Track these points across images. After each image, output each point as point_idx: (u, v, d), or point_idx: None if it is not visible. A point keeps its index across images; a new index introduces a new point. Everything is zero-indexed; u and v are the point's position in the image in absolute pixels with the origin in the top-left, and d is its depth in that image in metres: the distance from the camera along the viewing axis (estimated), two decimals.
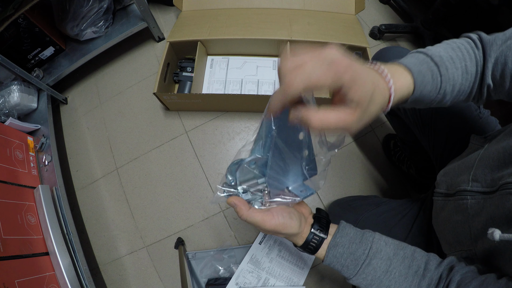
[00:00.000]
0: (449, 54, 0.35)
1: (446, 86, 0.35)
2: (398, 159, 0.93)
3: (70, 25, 1.03)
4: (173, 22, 1.13)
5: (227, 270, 0.87)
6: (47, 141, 0.99)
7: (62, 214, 0.87)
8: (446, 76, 0.34)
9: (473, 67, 0.36)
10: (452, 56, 0.35)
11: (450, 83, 0.35)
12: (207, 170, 1.03)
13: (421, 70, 0.34)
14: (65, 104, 1.21)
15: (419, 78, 0.33)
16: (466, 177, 0.43)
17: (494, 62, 0.35)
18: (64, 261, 0.76)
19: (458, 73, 0.35)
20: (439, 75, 0.34)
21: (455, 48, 0.36)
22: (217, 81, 1.10)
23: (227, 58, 1.13)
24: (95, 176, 1.08)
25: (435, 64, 0.34)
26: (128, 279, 0.95)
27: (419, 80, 0.33)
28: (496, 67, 0.35)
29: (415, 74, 0.33)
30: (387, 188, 0.96)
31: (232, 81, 1.09)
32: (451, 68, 0.35)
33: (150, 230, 0.98)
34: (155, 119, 1.12)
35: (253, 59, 1.12)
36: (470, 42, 0.37)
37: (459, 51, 0.36)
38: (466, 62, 0.35)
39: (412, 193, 0.95)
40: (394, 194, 0.95)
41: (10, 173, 0.81)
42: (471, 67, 0.35)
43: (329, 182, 0.97)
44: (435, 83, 0.34)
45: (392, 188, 0.96)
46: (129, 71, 1.22)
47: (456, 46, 0.36)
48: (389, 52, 0.63)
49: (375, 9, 1.29)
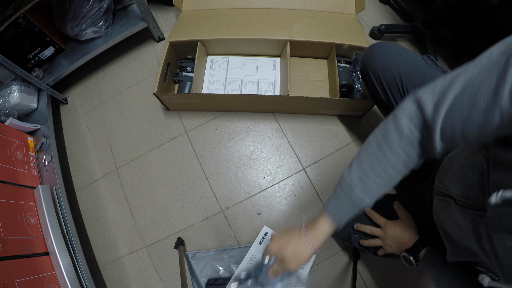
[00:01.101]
0: (368, 171, 0.43)
1: (367, 195, 0.44)
2: None
3: (70, 25, 1.03)
4: (173, 22, 1.13)
5: (227, 270, 0.87)
6: (47, 141, 0.99)
7: (62, 214, 0.87)
8: (362, 193, 0.44)
9: (401, 159, 0.41)
10: (372, 168, 0.43)
11: (372, 190, 0.44)
12: (207, 170, 1.03)
13: (337, 209, 0.47)
14: (65, 104, 1.21)
15: (336, 217, 0.47)
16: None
17: (440, 133, 0.36)
18: (64, 261, 0.76)
19: (380, 179, 0.43)
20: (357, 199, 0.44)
21: (378, 157, 0.43)
22: (217, 81, 1.09)
23: (227, 58, 1.13)
24: (95, 176, 1.08)
25: (351, 192, 0.45)
26: (128, 279, 0.95)
27: (336, 218, 0.47)
28: (444, 135, 0.36)
29: (333, 217, 0.47)
30: None
31: (232, 81, 1.09)
32: (369, 182, 0.43)
33: (150, 230, 0.98)
34: (155, 119, 1.12)
35: (253, 59, 1.12)
36: (404, 128, 0.40)
37: (383, 157, 0.42)
38: (390, 164, 0.42)
39: (409, 184, 0.95)
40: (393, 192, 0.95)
41: (10, 173, 0.81)
42: (396, 163, 0.42)
43: (329, 182, 0.97)
44: (355, 204, 0.45)
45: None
46: (129, 71, 1.22)
47: (381, 154, 0.42)
48: (377, 48, 0.64)
49: (375, 9, 1.29)
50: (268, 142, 1.04)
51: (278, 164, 1.01)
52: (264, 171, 1.01)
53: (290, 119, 1.07)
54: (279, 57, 1.12)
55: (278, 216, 0.95)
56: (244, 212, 0.96)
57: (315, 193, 0.97)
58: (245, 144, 1.05)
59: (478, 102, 0.30)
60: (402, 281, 0.87)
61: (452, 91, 0.33)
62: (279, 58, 1.12)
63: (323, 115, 1.06)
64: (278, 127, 1.06)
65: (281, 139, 1.04)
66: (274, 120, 1.07)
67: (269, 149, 1.03)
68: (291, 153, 1.02)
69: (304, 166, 1.00)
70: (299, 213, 0.95)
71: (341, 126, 1.05)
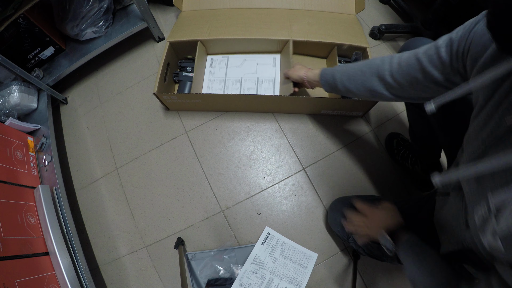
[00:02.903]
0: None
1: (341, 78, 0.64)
2: (402, 157, 0.94)
3: (70, 25, 1.03)
4: (173, 22, 1.13)
5: (227, 271, 0.87)
6: (47, 141, 0.99)
7: (62, 214, 0.87)
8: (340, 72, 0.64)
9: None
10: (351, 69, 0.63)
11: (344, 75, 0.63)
12: (207, 170, 1.03)
13: (325, 70, 0.70)
14: (65, 104, 1.21)
15: (322, 71, 0.71)
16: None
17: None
18: (64, 261, 0.76)
19: (352, 70, 0.61)
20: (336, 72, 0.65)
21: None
22: (216, 80, 1.09)
23: (227, 57, 1.13)
24: (95, 176, 1.08)
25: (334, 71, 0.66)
26: (128, 279, 0.95)
27: (322, 72, 0.70)
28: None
29: (321, 71, 0.71)
30: (387, 188, 0.96)
31: (231, 80, 1.08)
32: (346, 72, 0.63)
33: (150, 230, 0.98)
34: (155, 119, 1.12)
35: (252, 56, 1.12)
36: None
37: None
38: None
39: (413, 191, 0.95)
40: (394, 194, 0.95)
41: (10, 173, 0.81)
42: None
43: (329, 182, 0.97)
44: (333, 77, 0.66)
45: (392, 188, 0.96)
46: (129, 71, 1.22)
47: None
48: (414, 43, 0.66)
49: (375, 9, 1.29)
50: (268, 142, 1.04)
51: (278, 164, 1.01)
52: (264, 171, 1.01)
53: (290, 119, 1.07)
54: (279, 54, 1.11)
55: (278, 216, 0.95)
56: (244, 212, 0.96)
57: (315, 193, 0.97)
58: (245, 144, 1.05)
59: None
60: (402, 281, 0.87)
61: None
62: (279, 55, 1.10)
63: (323, 115, 1.06)
64: (278, 127, 1.06)
65: (281, 139, 1.04)
66: (274, 120, 1.07)
67: (269, 149, 1.03)
68: (291, 153, 1.02)
69: (304, 166, 1.00)
70: (299, 213, 0.95)
71: (341, 126, 1.05)
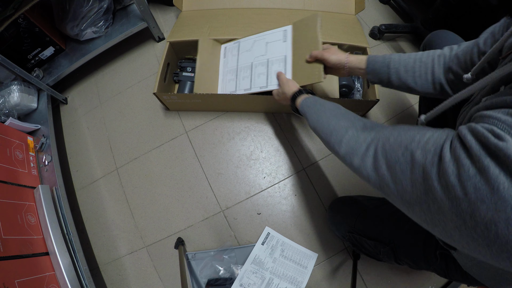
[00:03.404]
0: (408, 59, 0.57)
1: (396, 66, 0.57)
2: None
3: (70, 25, 1.03)
4: (173, 22, 1.13)
5: (227, 271, 0.87)
6: (47, 141, 0.99)
7: (62, 214, 0.87)
8: (395, 60, 0.57)
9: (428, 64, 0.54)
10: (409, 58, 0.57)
11: (401, 65, 0.56)
12: (207, 170, 1.03)
13: (375, 58, 0.61)
14: (65, 104, 1.21)
15: (370, 58, 0.61)
16: None
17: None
18: (64, 261, 0.76)
19: (410, 60, 0.56)
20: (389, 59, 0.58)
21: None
22: (229, 71, 0.99)
23: (238, 42, 1.03)
24: (95, 176, 1.08)
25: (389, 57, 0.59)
26: (128, 279, 0.95)
27: (370, 59, 0.61)
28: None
29: (369, 58, 0.62)
30: None
31: (243, 68, 0.97)
32: (404, 58, 0.57)
33: (150, 230, 0.98)
34: (155, 119, 1.12)
35: (262, 35, 0.97)
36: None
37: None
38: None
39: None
40: None
41: (10, 173, 0.81)
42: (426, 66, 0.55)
43: (329, 182, 0.97)
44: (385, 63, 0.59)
45: None
46: (129, 71, 1.22)
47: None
48: (436, 36, 0.67)
49: (375, 9, 1.29)
50: (268, 142, 1.04)
51: (278, 164, 1.01)
52: (264, 171, 1.01)
53: (290, 119, 1.07)
54: (290, 25, 0.92)
55: (278, 216, 0.95)
56: (244, 212, 0.96)
57: (315, 193, 0.97)
58: (245, 144, 1.05)
59: None
60: (402, 281, 0.87)
61: None
62: (290, 26, 0.91)
63: None
64: (278, 127, 1.06)
65: (281, 139, 1.04)
66: (274, 120, 1.07)
67: (269, 149, 1.03)
68: (291, 153, 1.02)
69: (304, 166, 1.00)
70: (299, 213, 0.95)
71: None
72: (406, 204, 0.31)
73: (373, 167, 0.36)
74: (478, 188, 0.23)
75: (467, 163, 0.24)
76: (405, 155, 0.31)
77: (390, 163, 0.33)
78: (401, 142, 0.33)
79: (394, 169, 0.32)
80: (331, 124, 0.48)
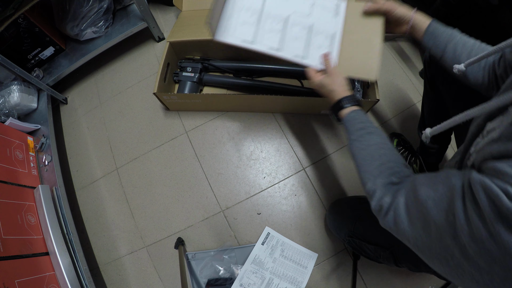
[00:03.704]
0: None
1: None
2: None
3: (70, 25, 1.03)
4: (173, 22, 1.13)
5: (227, 271, 0.87)
6: (47, 141, 0.99)
7: (62, 214, 0.87)
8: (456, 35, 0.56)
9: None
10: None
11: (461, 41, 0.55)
12: (207, 170, 1.03)
13: (439, 22, 0.60)
14: (65, 104, 1.21)
15: (435, 21, 0.60)
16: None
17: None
18: (64, 261, 0.76)
19: (471, 39, 0.55)
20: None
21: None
22: (247, 8, 0.70)
23: None
24: (95, 176, 1.08)
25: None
26: (128, 279, 0.95)
27: (434, 22, 0.60)
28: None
29: (433, 20, 0.61)
30: None
31: (272, 16, 0.69)
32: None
33: (150, 230, 0.98)
34: (155, 119, 1.12)
35: None
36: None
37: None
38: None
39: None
40: None
41: (10, 173, 0.81)
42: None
43: (329, 182, 0.97)
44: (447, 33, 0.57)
45: None
46: (129, 71, 1.22)
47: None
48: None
49: None
50: (268, 142, 1.04)
51: (278, 164, 1.01)
52: (264, 171, 1.01)
53: (290, 119, 1.07)
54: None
55: (278, 216, 0.95)
56: (244, 212, 0.96)
57: (315, 193, 0.97)
58: (245, 144, 1.05)
59: None
60: (402, 281, 0.87)
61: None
62: (345, 1, 0.70)
63: (323, 115, 1.06)
64: (278, 127, 1.06)
65: (281, 139, 1.04)
66: (274, 120, 1.07)
67: (269, 149, 1.03)
68: (291, 153, 1.02)
69: (304, 166, 1.00)
70: (299, 213, 0.95)
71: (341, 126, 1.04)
72: (426, 257, 0.34)
73: (393, 222, 0.38)
74: (490, 250, 0.24)
75: (480, 226, 0.25)
76: (423, 213, 0.33)
77: (412, 220, 0.35)
78: (419, 200, 0.34)
79: (416, 225, 0.34)
80: (367, 161, 0.48)
